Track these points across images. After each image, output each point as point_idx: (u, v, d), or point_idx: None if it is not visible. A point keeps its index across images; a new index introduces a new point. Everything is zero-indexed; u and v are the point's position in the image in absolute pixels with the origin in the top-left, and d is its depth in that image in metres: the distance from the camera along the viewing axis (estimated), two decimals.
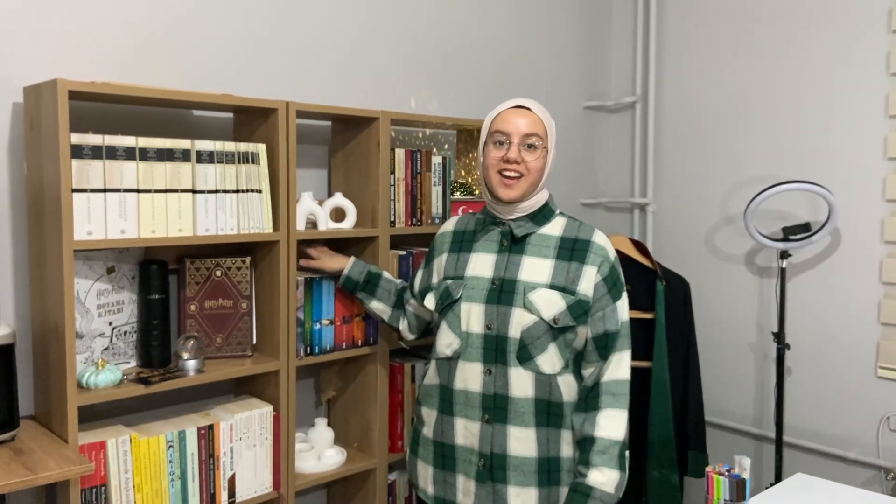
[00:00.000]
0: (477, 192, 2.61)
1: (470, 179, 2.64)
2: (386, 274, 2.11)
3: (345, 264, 2.10)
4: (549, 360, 1.72)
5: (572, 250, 1.76)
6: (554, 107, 3.13)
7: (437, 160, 2.35)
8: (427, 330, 2.10)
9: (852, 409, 2.67)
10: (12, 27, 1.79)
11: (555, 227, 1.80)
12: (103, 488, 1.72)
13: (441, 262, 1.89)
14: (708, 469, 1.55)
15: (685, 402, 2.70)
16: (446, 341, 1.80)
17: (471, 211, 1.97)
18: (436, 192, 2.36)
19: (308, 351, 2.09)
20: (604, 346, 1.73)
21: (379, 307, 2.09)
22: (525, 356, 1.72)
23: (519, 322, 1.71)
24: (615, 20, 3.32)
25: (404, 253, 2.29)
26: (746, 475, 1.53)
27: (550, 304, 1.70)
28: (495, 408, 1.74)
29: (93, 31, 1.91)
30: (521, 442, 1.73)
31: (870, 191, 2.61)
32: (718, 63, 3.00)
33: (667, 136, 3.17)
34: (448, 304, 1.80)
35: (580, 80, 3.23)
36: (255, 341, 2.09)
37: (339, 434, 2.36)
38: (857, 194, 2.64)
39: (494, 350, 1.74)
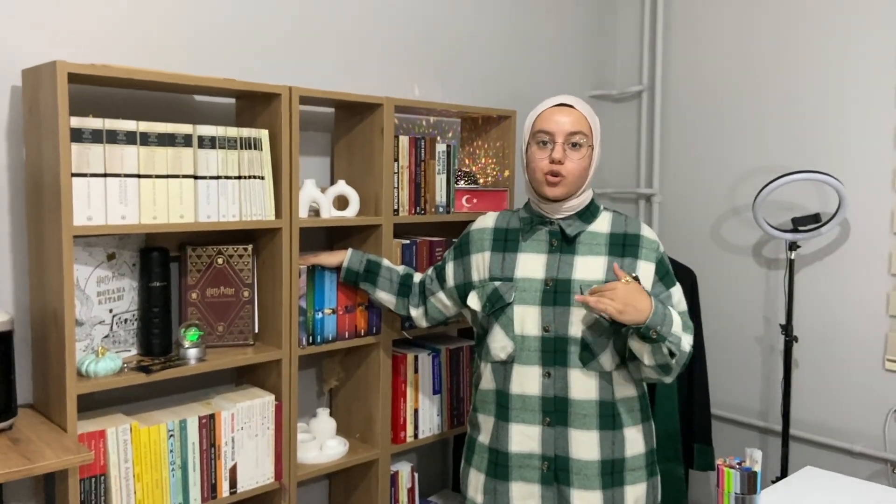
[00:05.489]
0: (481, 181, 2.57)
1: (474, 168, 2.61)
2: (385, 262, 2.08)
3: (343, 258, 2.07)
4: (610, 356, 1.70)
5: (623, 245, 1.74)
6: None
7: (441, 148, 2.32)
8: (444, 322, 2.07)
9: (859, 402, 2.64)
10: (11, 9, 1.76)
11: (602, 224, 1.78)
12: (103, 478, 1.69)
13: (483, 260, 1.84)
14: (718, 462, 1.52)
15: (691, 394, 2.67)
16: (500, 344, 1.77)
17: (508, 209, 1.94)
18: (440, 181, 2.33)
19: (310, 340, 2.07)
20: None
21: (384, 297, 2.06)
22: (588, 356, 1.70)
23: (579, 321, 1.69)
24: (621, 7, 3.28)
25: (408, 242, 2.26)
26: (758, 468, 1.50)
27: None
28: (556, 410, 1.71)
29: (93, 14, 1.88)
30: (584, 446, 1.71)
31: (880, 181, 2.57)
32: (726, 52, 2.96)
33: (673, 125, 3.14)
34: (500, 307, 1.76)
35: (585, 69, 3.19)
36: (256, 330, 2.06)
37: (342, 424, 2.34)
38: (866, 185, 2.60)
39: (553, 352, 1.71)
